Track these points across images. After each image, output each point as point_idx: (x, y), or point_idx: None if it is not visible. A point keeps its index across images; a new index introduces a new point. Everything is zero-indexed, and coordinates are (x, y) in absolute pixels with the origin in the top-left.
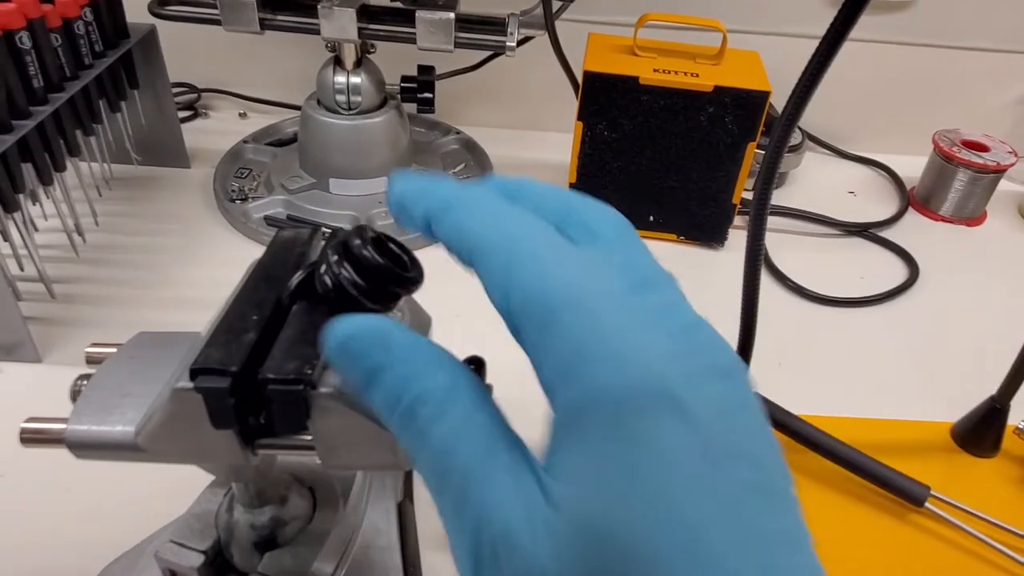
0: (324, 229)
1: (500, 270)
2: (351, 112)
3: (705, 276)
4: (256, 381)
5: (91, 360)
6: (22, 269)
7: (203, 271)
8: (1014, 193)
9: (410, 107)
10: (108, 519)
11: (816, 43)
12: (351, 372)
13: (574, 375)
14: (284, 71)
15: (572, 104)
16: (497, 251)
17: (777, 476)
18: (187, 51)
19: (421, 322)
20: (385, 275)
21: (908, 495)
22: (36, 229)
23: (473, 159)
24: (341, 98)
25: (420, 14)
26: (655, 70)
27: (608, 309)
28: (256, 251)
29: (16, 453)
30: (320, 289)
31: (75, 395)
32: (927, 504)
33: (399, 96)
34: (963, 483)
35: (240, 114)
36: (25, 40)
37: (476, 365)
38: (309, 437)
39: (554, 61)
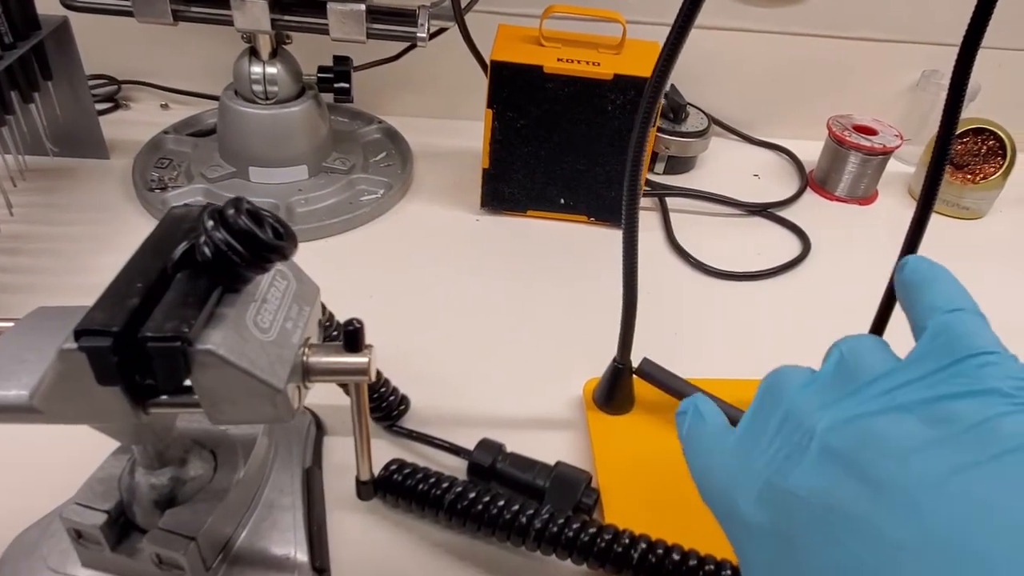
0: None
1: None
2: (268, 102)
3: (615, 255)
4: (137, 340)
5: None
6: None
7: (120, 259)
8: (904, 174)
9: (329, 97)
10: (19, 490)
11: (716, 33)
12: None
13: None
14: (204, 62)
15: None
16: None
17: None
18: (107, 43)
19: (307, 289)
20: (258, 241)
21: None
22: None
23: (394, 148)
24: (258, 88)
25: (331, 5)
26: (559, 59)
27: None
28: None
29: None
30: (200, 257)
31: None
32: None
33: (317, 86)
34: None
35: (162, 105)
36: None
37: (354, 328)
38: (196, 396)
39: (469, 51)
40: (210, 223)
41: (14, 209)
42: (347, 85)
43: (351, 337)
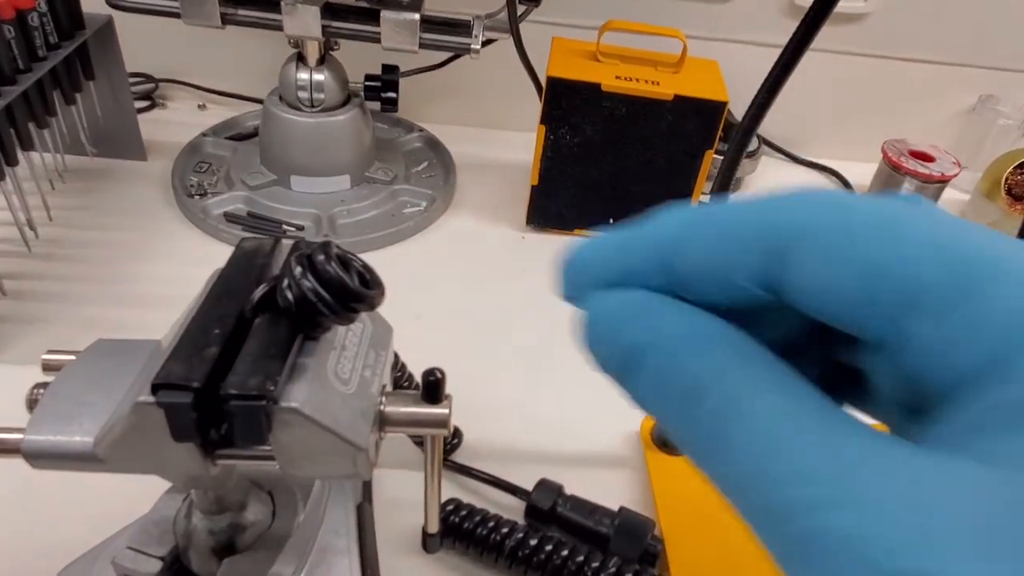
0: (285, 240)
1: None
2: (314, 109)
3: None
4: (218, 396)
5: (48, 367)
6: None
7: (160, 267)
8: (958, 201)
9: (373, 105)
10: (61, 522)
11: (773, 51)
12: (608, 358)
13: None
14: (245, 63)
15: (534, 104)
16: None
17: None
18: (145, 40)
19: (382, 331)
20: (348, 291)
21: None
22: None
23: (436, 157)
24: (304, 95)
25: (385, 14)
26: (617, 77)
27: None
28: (215, 248)
29: None
30: (282, 303)
31: (32, 404)
32: None
33: (362, 94)
34: None
35: (199, 106)
36: None
37: (436, 378)
38: (268, 448)
39: (517, 61)
40: (298, 269)
41: (52, 212)
42: (395, 95)
43: (431, 388)
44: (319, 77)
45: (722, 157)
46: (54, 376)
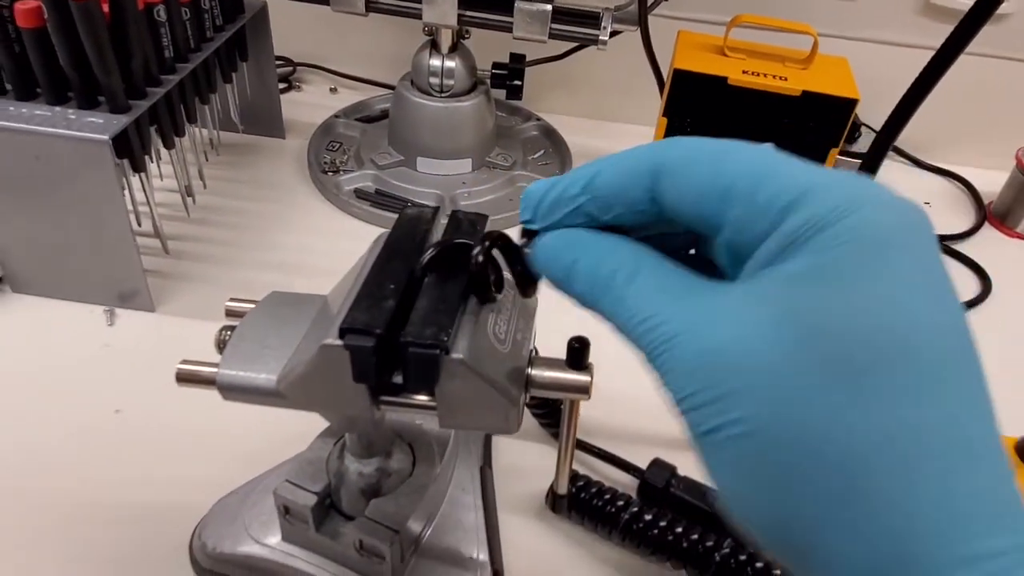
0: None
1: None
2: (443, 95)
3: None
4: (397, 343)
5: (230, 313)
6: (139, 225)
7: (296, 237)
8: None
9: (497, 92)
10: (214, 460)
11: (904, 51)
12: (555, 270)
13: (800, 204)
14: (375, 50)
15: (651, 98)
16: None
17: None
18: (287, 26)
19: (531, 302)
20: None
21: None
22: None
23: (552, 146)
24: (435, 81)
25: (519, 4)
26: (744, 71)
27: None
28: (347, 222)
29: (132, 392)
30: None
31: (220, 344)
32: None
33: (489, 81)
34: None
35: (331, 89)
36: (161, 13)
37: (581, 345)
38: (425, 398)
39: (637, 54)
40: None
41: (207, 181)
42: (520, 83)
43: (576, 355)
44: (450, 64)
45: (843, 156)
46: (239, 321)
